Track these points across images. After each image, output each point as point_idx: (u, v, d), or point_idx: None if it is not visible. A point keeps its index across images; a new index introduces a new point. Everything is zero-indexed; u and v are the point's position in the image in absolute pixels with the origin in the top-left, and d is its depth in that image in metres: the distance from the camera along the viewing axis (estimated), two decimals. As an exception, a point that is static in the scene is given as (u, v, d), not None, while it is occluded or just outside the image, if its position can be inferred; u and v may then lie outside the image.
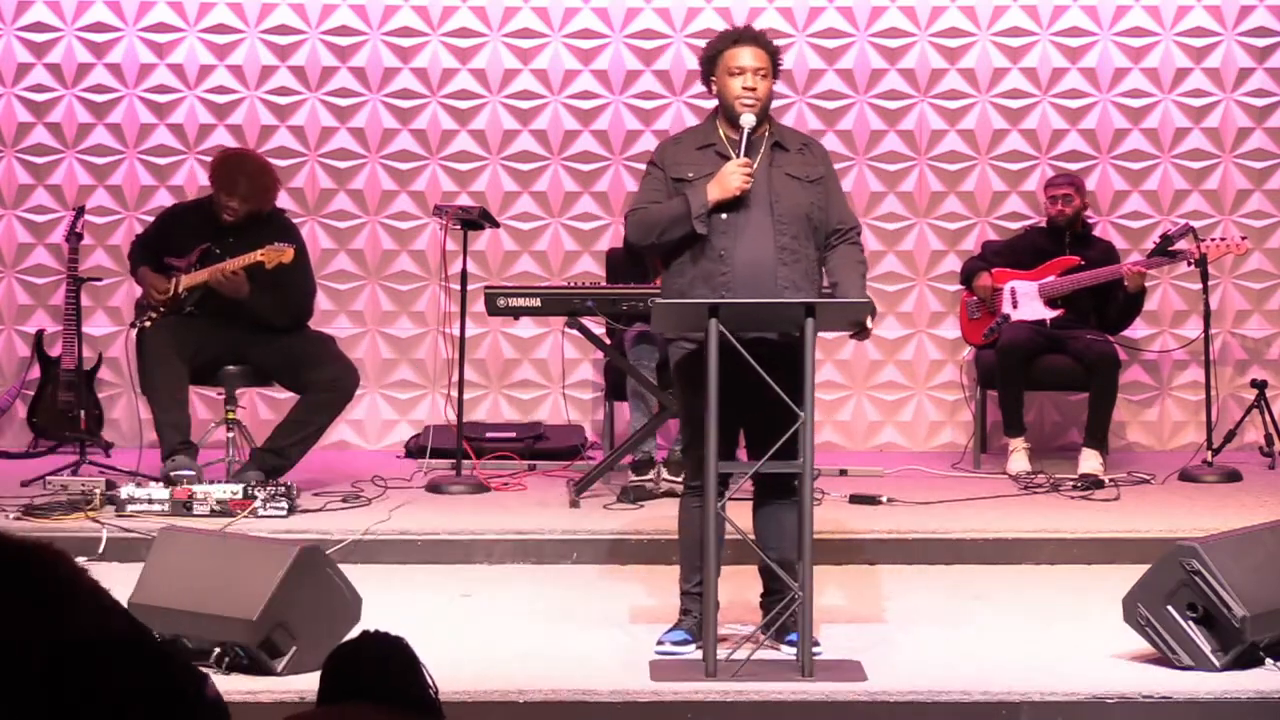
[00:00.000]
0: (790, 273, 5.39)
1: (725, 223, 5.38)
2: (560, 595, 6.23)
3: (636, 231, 5.50)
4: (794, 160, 5.48)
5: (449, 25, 8.74)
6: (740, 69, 5.43)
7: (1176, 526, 6.66)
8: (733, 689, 5.05)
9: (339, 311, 8.71)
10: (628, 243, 5.65)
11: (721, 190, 5.35)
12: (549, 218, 8.77)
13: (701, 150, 5.49)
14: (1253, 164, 8.76)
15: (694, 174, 5.43)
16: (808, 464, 5.16)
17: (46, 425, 8.27)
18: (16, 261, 8.70)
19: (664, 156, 5.54)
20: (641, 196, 5.54)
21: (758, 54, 5.46)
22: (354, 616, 5.29)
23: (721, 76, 5.47)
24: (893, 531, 6.81)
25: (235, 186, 7.31)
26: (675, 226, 5.39)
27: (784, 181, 5.43)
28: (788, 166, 5.46)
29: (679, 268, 5.46)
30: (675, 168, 5.47)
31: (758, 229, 5.38)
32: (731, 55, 5.46)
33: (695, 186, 5.39)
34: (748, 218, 5.39)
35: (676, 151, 5.53)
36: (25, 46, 8.68)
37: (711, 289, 5.35)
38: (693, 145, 5.53)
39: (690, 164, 5.46)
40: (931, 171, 8.77)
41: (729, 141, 5.46)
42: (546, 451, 8.26)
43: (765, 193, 5.40)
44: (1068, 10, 8.76)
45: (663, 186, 5.48)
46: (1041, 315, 8.09)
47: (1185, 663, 5.19)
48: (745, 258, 5.36)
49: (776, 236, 5.39)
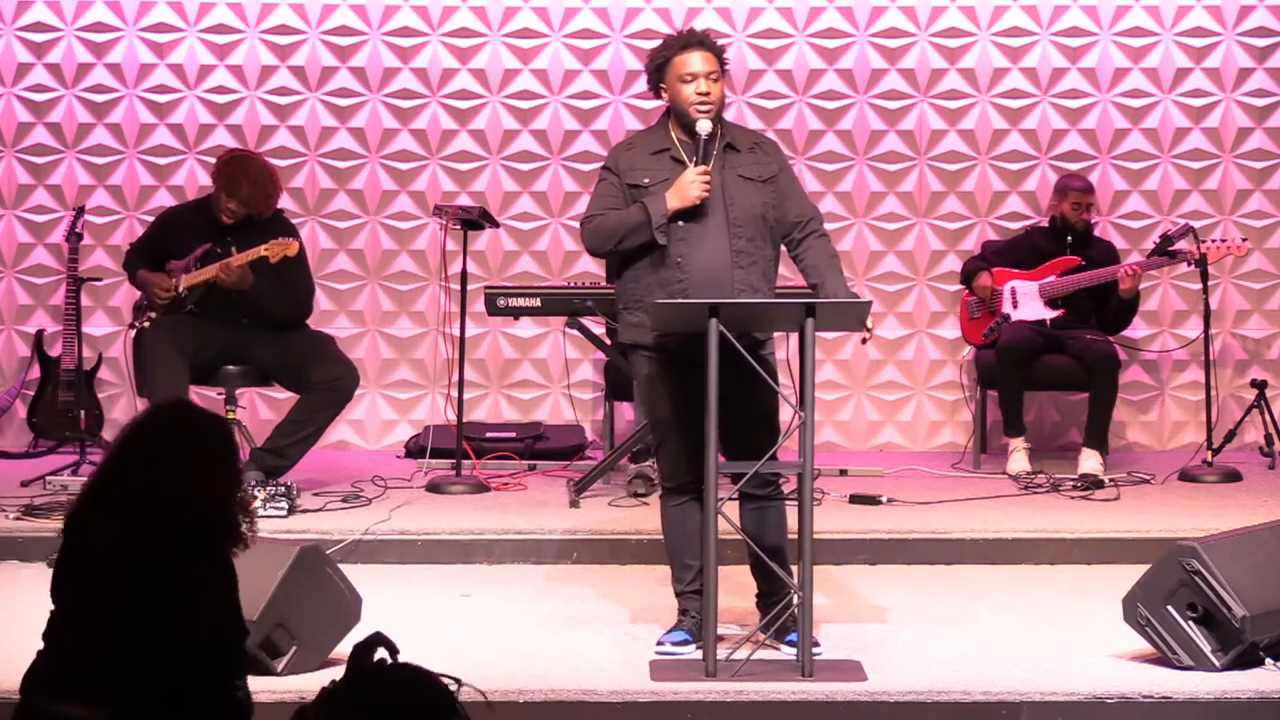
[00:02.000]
0: (746, 275, 5.41)
1: (682, 229, 5.40)
2: (560, 595, 6.23)
3: (594, 240, 5.51)
4: (746, 161, 5.49)
5: (449, 25, 8.74)
6: (692, 75, 5.43)
7: (1176, 526, 6.66)
8: (733, 689, 5.06)
9: (339, 311, 8.71)
10: (587, 248, 5.68)
11: (680, 199, 5.35)
12: (549, 218, 8.77)
13: (656, 155, 5.49)
14: (1253, 164, 8.76)
15: (649, 180, 5.43)
16: (808, 464, 5.18)
17: (46, 425, 8.27)
18: (16, 261, 8.70)
19: (618, 162, 5.52)
20: (597, 203, 5.53)
21: (707, 58, 5.46)
22: (354, 616, 5.30)
23: (673, 83, 5.46)
24: (893, 531, 6.82)
25: (237, 189, 7.31)
26: (634, 235, 5.40)
27: (737, 184, 5.44)
28: (740, 168, 5.47)
29: (634, 274, 5.48)
30: (630, 174, 5.47)
31: (713, 233, 5.40)
32: (681, 61, 5.44)
33: (653, 195, 5.38)
34: (703, 223, 5.41)
35: (631, 157, 5.52)
36: (25, 46, 8.67)
37: (668, 295, 5.35)
38: (646, 150, 5.52)
39: (645, 169, 5.46)
40: (931, 171, 8.77)
41: (682, 145, 5.46)
42: (547, 451, 8.25)
43: (719, 196, 5.42)
44: (1068, 10, 8.76)
45: (618, 193, 5.48)
46: (1042, 315, 8.09)
47: (1185, 663, 5.19)
48: (701, 263, 5.38)
49: (732, 240, 5.41)
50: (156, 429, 3.64)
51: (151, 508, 3.52)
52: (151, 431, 3.63)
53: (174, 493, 3.54)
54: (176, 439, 3.60)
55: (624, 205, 5.45)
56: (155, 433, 3.63)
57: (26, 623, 3.77)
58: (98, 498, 3.58)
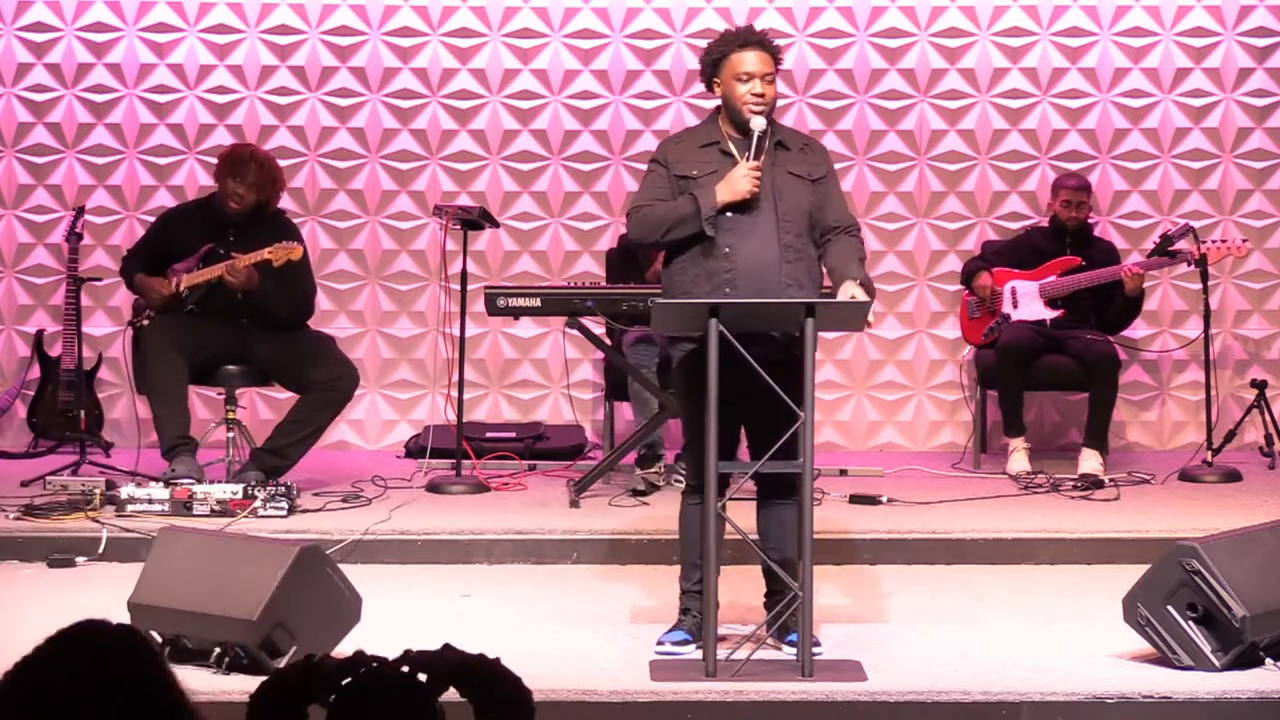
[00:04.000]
0: (794, 270, 5.41)
1: (730, 220, 5.39)
2: (560, 595, 6.23)
3: (641, 229, 5.50)
4: (796, 159, 5.49)
5: (449, 25, 8.74)
6: (748, 74, 5.43)
7: (1176, 526, 6.65)
8: (733, 689, 5.06)
9: (339, 311, 8.71)
10: (628, 239, 5.66)
11: (730, 193, 5.36)
12: (549, 218, 8.77)
13: (705, 148, 5.50)
14: (1253, 164, 8.76)
15: (698, 172, 5.44)
16: (808, 464, 5.17)
17: (46, 425, 8.27)
18: (16, 261, 8.70)
19: (667, 154, 5.53)
20: (644, 194, 5.53)
21: (764, 58, 5.46)
22: (354, 616, 5.30)
23: (728, 81, 5.46)
24: (893, 531, 6.82)
25: (245, 173, 7.33)
26: (682, 226, 5.39)
27: (786, 180, 5.45)
28: (790, 165, 5.47)
29: (681, 265, 5.46)
30: (679, 165, 5.48)
31: (762, 227, 5.40)
32: (738, 60, 5.45)
33: (703, 187, 5.39)
34: (753, 216, 5.40)
35: (680, 149, 5.53)
36: (25, 46, 8.68)
37: (714, 286, 5.36)
38: (695, 143, 5.53)
39: (694, 162, 5.47)
40: (931, 171, 8.77)
41: (732, 140, 5.47)
42: (547, 451, 8.25)
43: (769, 191, 5.41)
44: (1068, 10, 8.76)
45: (666, 184, 5.48)
46: (1042, 315, 8.09)
47: (1185, 663, 5.19)
48: (750, 255, 5.37)
49: (780, 235, 5.41)
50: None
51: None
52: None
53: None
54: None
55: (671, 197, 5.45)
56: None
57: (26, 623, 3.78)
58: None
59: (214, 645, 5.15)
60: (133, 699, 2.72)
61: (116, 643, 2.79)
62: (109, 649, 2.77)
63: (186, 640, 5.24)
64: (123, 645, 2.78)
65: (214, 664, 5.13)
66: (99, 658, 2.76)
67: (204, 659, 5.16)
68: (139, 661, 2.78)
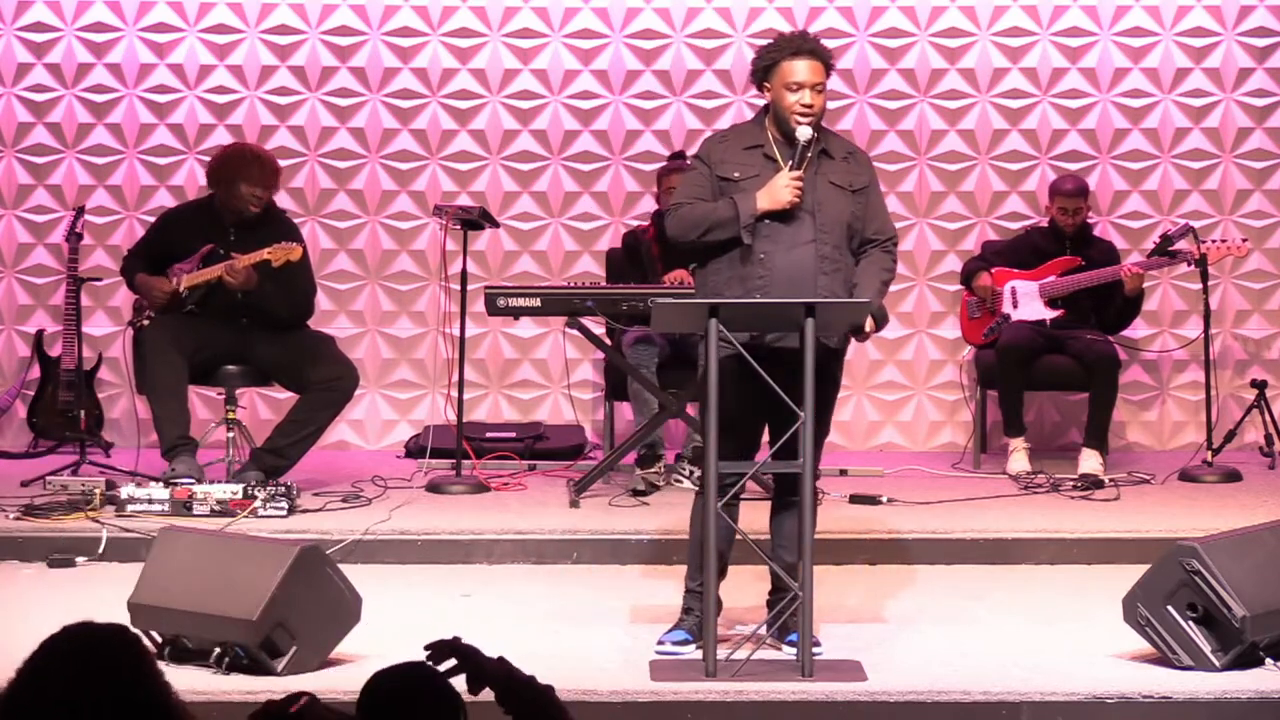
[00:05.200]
0: (830, 282, 5.39)
1: (768, 228, 5.37)
2: (560, 595, 6.23)
3: (679, 227, 5.46)
4: (839, 168, 5.46)
5: (449, 25, 8.74)
6: (799, 84, 5.38)
7: (1176, 526, 6.65)
8: (733, 689, 5.06)
9: (339, 311, 8.71)
10: (666, 237, 5.64)
11: (771, 201, 5.33)
12: (549, 218, 8.77)
13: (749, 151, 5.46)
14: (1253, 164, 8.76)
15: (740, 174, 5.41)
16: (808, 464, 5.18)
17: (46, 425, 8.27)
18: (16, 261, 8.70)
19: (710, 153, 5.50)
20: (685, 192, 5.49)
21: (815, 68, 5.41)
22: (354, 616, 5.30)
23: (778, 87, 5.41)
24: (893, 531, 6.82)
25: (252, 174, 7.34)
26: (720, 230, 5.37)
27: (827, 190, 5.41)
28: (832, 174, 5.43)
29: (717, 267, 5.44)
30: (722, 166, 5.45)
31: (800, 236, 5.38)
32: (789, 69, 5.39)
33: (745, 193, 5.36)
34: (791, 225, 5.38)
35: (724, 149, 5.50)
36: (25, 46, 8.67)
37: (746, 291, 5.35)
38: (740, 145, 5.49)
39: (737, 163, 5.44)
40: (931, 171, 8.77)
41: (776, 144, 5.44)
42: (547, 451, 8.25)
43: (809, 200, 5.39)
44: (1068, 10, 8.76)
45: (707, 183, 5.46)
46: (1042, 315, 8.09)
47: (1185, 663, 5.19)
48: (785, 263, 5.36)
49: (818, 246, 5.38)
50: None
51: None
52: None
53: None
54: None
55: (711, 196, 5.43)
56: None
57: (26, 623, 3.78)
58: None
59: (214, 645, 5.15)
60: (122, 698, 2.79)
61: (106, 643, 2.86)
62: (98, 650, 2.84)
63: (186, 640, 5.24)
64: (111, 645, 2.87)
65: (214, 664, 5.13)
66: (89, 660, 2.82)
67: (204, 659, 5.16)
68: (127, 661, 2.86)
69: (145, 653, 2.90)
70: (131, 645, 2.91)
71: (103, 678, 2.81)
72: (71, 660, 2.82)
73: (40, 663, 2.84)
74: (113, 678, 2.82)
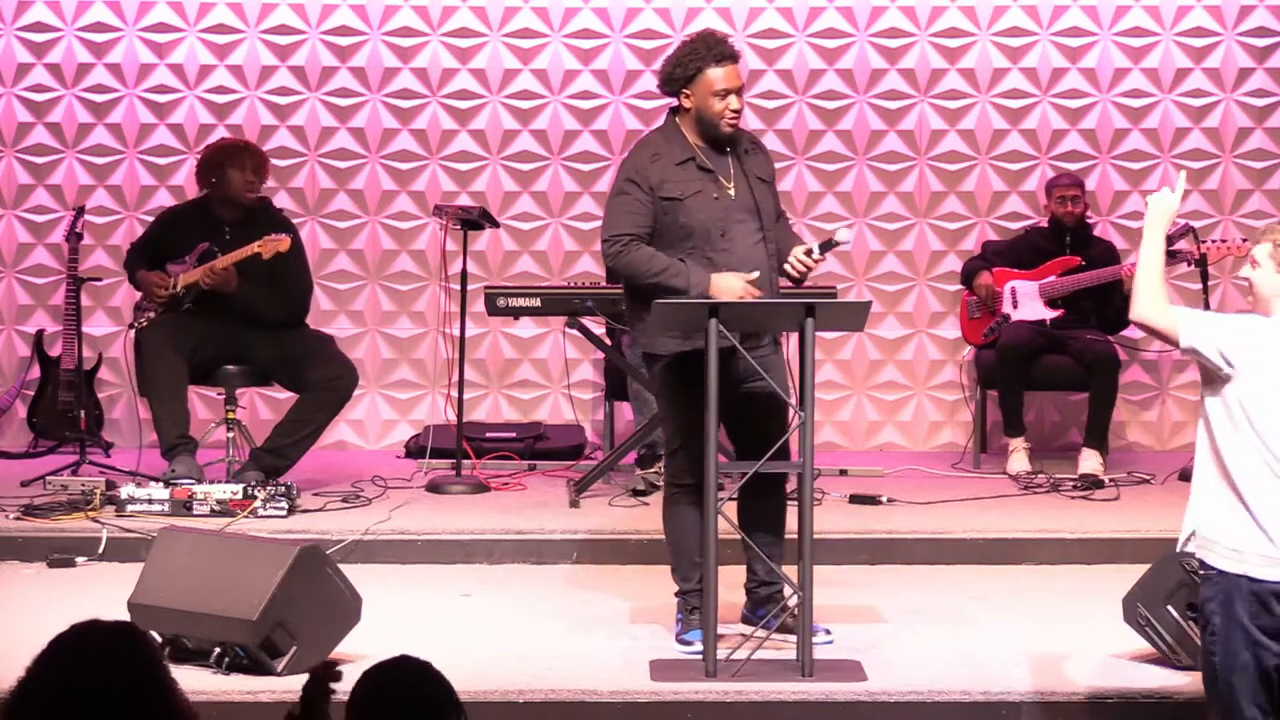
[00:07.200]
0: (776, 274, 5.54)
1: (724, 240, 5.44)
2: (560, 595, 6.23)
3: (626, 270, 5.48)
4: (756, 161, 5.59)
5: (449, 25, 8.74)
6: (726, 90, 5.46)
7: (1176, 526, 6.59)
8: (733, 689, 5.06)
9: (339, 311, 8.71)
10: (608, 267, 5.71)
11: (724, 294, 5.33)
12: (549, 218, 8.77)
13: (682, 166, 5.49)
14: (1253, 164, 8.76)
15: (681, 193, 5.44)
16: (808, 464, 5.19)
17: (46, 425, 8.27)
18: (16, 261, 8.70)
19: (647, 176, 5.47)
20: (628, 220, 5.45)
21: (737, 72, 5.53)
22: (354, 616, 5.30)
23: (703, 95, 5.46)
24: (893, 531, 6.82)
25: (244, 162, 7.39)
26: (666, 291, 5.36)
27: (758, 185, 5.54)
28: (756, 169, 5.57)
29: None
30: (663, 187, 5.46)
31: (751, 235, 5.48)
32: (716, 76, 5.46)
33: (699, 270, 5.36)
34: (742, 229, 5.47)
35: (658, 169, 5.49)
36: (25, 46, 8.67)
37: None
38: (671, 161, 5.50)
39: (675, 182, 5.47)
40: (931, 171, 8.77)
41: (705, 154, 5.49)
42: (547, 451, 8.25)
43: (751, 205, 5.46)
44: (1068, 10, 8.76)
45: (649, 209, 5.46)
46: (1042, 315, 8.09)
47: (1185, 663, 5.19)
48: (743, 267, 5.45)
49: (766, 244, 5.49)
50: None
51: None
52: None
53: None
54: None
55: (654, 220, 5.43)
56: None
57: (26, 623, 3.78)
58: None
59: (214, 645, 5.16)
60: (129, 695, 2.84)
61: (113, 641, 2.91)
62: (105, 648, 2.90)
63: (186, 640, 5.24)
64: (119, 643, 2.92)
65: (214, 664, 5.13)
66: (97, 657, 2.87)
67: (204, 659, 5.16)
68: (134, 658, 2.90)
69: (153, 650, 2.94)
70: (139, 642, 2.94)
71: (110, 675, 2.85)
72: (80, 657, 2.86)
73: (49, 660, 2.87)
74: (120, 674, 2.86)
